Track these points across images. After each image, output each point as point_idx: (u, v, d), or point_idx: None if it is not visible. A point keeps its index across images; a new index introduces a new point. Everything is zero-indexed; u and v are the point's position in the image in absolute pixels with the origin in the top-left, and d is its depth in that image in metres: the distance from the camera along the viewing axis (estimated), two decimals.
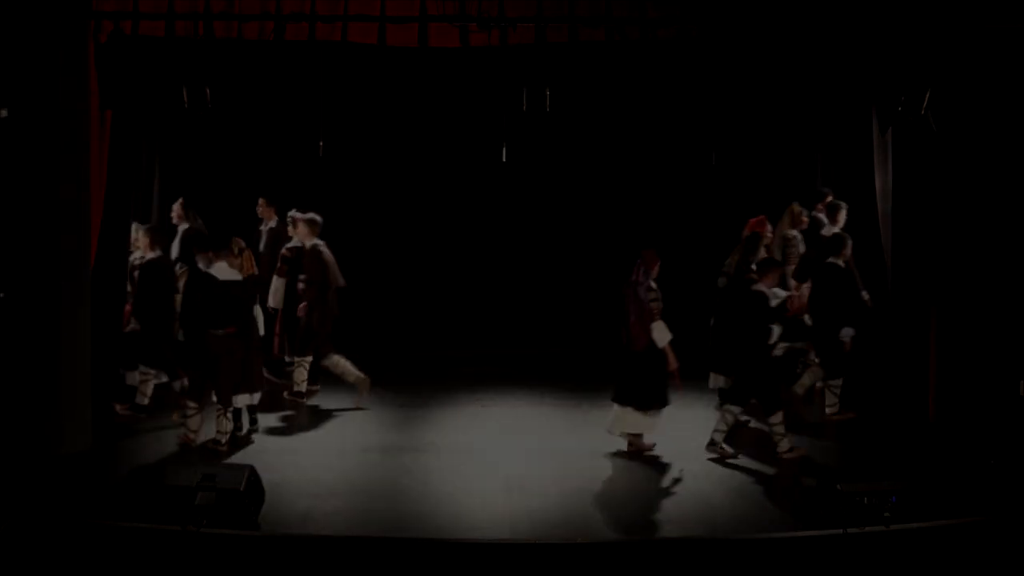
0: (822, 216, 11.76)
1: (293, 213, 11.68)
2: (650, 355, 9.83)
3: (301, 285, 11.33)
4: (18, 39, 9.51)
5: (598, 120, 13.42)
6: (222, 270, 10.05)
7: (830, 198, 11.77)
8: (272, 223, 12.35)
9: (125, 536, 7.82)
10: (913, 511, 8.04)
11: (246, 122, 12.92)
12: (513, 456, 9.97)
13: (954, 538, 7.97)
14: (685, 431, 10.39)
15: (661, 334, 9.80)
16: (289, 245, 11.57)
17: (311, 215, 11.40)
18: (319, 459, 9.85)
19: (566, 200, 14.02)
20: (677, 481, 9.41)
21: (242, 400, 10.19)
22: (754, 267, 10.30)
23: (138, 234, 11.09)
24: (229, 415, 10.01)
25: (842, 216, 11.45)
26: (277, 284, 11.54)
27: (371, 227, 13.92)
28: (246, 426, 10.36)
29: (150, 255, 10.84)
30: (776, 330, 9.76)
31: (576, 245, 14.03)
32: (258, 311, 10.63)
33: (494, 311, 13.87)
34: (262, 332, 10.72)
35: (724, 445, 9.86)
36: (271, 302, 11.48)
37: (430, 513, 8.60)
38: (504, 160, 12.05)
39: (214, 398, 10.00)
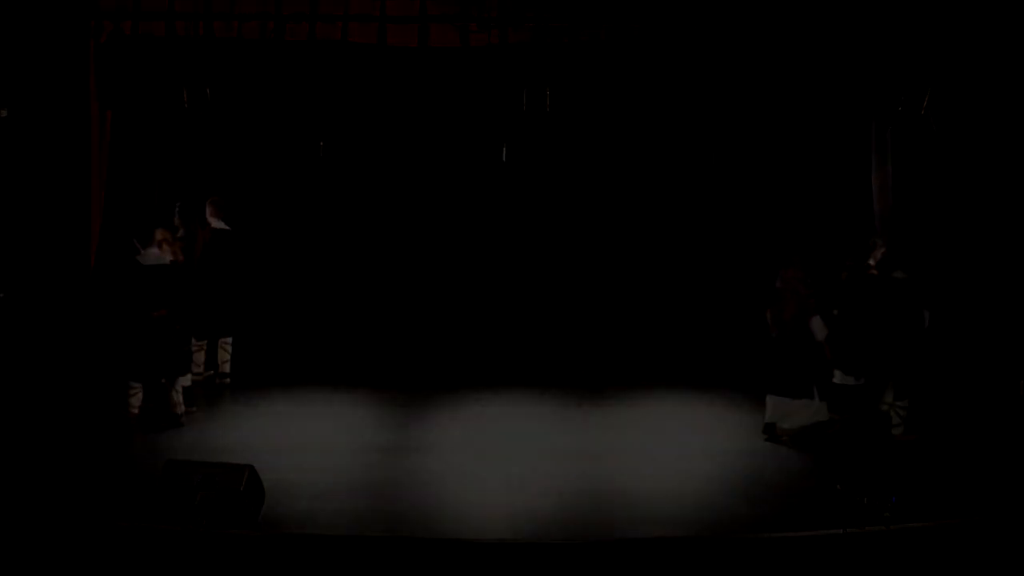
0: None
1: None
2: (793, 343, 10.11)
3: None
4: (18, 39, 9.52)
5: (598, 120, 13.39)
6: (149, 256, 10.33)
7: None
8: None
9: (125, 536, 7.82)
10: (913, 511, 8.04)
11: (246, 122, 12.91)
12: (513, 456, 9.95)
13: (954, 538, 7.97)
14: (686, 431, 10.40)
15: (820, 329, 10.12)
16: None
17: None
18: (319, 459, 9.84)
19: (567, 200, 13.98)
20: (677, 481, 9.40)
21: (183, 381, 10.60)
22: (872, 263, 10.49)
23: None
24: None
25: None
26: None
27: (371, 227, 13.90)
28: (183, 406, 10.65)
29: None
30: (927, 315, 10.06)
31: (576, 245, 14.00)
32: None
33: (493, 310, 13.84)
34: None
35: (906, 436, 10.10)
36: None
37: (431, 513, 8.60)
38: (504, 160, 12.01)
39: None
